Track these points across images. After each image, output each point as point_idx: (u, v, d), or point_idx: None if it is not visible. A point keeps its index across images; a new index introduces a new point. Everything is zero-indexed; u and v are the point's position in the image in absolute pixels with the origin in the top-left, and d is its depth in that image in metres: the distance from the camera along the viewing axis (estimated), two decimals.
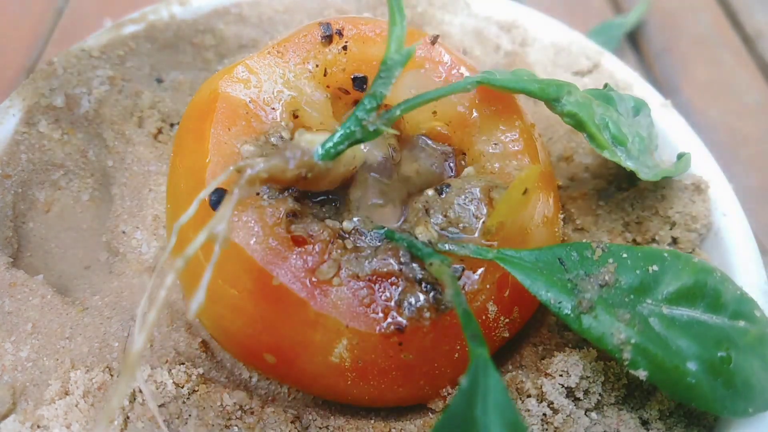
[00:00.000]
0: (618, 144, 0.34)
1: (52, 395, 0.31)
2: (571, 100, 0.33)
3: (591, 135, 0.33)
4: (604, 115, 0.34)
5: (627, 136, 0.35)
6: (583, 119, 0.33)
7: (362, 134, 0.28)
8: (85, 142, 0.42)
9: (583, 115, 0.33)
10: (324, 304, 0.29)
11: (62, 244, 0.40)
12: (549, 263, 0.30)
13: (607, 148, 0.33)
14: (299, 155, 0.27)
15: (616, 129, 0.34)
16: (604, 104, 0.35)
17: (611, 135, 0.34)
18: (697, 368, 0.28)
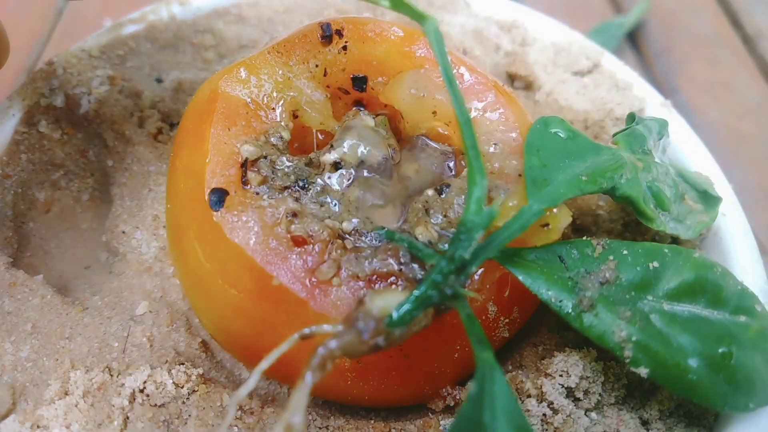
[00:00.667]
0: (663, 209, 0.34)
1: (52, 395, 0.31)
2: (623, 183, 0.32)
3: (642, 213, 0.32)
4: (649, 184, 0.33)
5: (668, 197, 0.34)
6: (636, 199, 0.32)
7: (439, 298, 0.26)
8: (85, 142, 0.42)
9: (635, 194, 0.32)
10: (324, 304, 0.29)
11: (62, 244, 0.39)
12: (549, 261, 0.30)
13: (655, 220, 0.33)
14: (372, 326, 0.25)
15: (659, 193, 0.34)
16: (644, 160, 0.34)
17: (656, 202, 0.33)
18: (699, 364, 0.28)
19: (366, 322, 0.25)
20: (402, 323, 0.25)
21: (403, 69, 0.36)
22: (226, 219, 0.30)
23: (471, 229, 0.27)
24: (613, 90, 0.47)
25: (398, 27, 0.37)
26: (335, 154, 0.33)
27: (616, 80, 0.47)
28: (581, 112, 0.45)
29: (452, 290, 0.26)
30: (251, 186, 0.31)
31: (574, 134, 0.34)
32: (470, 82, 0.35)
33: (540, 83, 0.47)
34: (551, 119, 0.34)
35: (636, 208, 0.32)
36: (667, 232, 0.33)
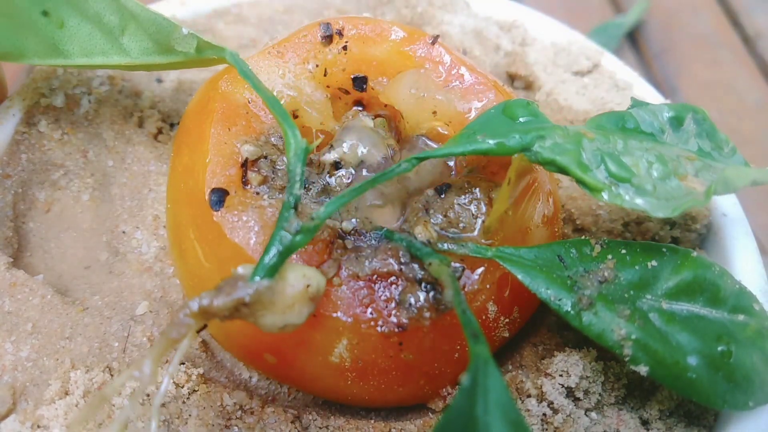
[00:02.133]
0: (619, 181, 0.29)
1: (52, 395, 0.31)
2: (546, 145, 0.29)
3: (578, 180, 0.29)
4: (597, 151, 0.30)
5: (633, 167, 0.30)
6: (562, 164, 0.28)
7: (290, 241, 0.26)
8: (85, 142, 0.42)
9: (562, 159, 0.28)
10: (324, 304, 0.29)
11: (62, 244, 0.39)
12: (548, 260, 0.30)
13: (603, 189, 0.28)
14: (237, 283, 0.25)
15: (616, 163, 0.29)
16: (609, 134, 0.31)
17: (608, 172, 0.29)
18: (698, 363, 0.29)
19: (227, 281, 0.25)
20: (262, 272, 0.25)
21: (403, 69, 0.36)
22: (226, 219, 0.30)
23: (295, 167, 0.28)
24: (613, 90, 0.47)
25: (399, 27, 0.37)
26: (335, 154, 0.33)
27: (616, 80, 0.47)
28: (581, 112, 0.45)
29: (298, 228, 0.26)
30: (251, 186, 0.31)
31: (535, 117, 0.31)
32: (470, 82, 0.35)
33: (540, 83, 0.47)
34: (516, 102, 0.31)
35: (571, 174, 0.29)
36: (625, 205, 0.29)
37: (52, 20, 0.34)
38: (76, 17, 0.34)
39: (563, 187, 0.42)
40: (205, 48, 0.33)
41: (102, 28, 0.34)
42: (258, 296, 0.25)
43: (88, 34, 0.35)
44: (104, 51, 0.35)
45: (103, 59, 0.35)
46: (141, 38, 0.34)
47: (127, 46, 0.35)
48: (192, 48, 0.33)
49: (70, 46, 0.35)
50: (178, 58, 0.34)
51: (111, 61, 0.35)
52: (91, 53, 0.35)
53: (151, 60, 0.35)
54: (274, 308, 0.25)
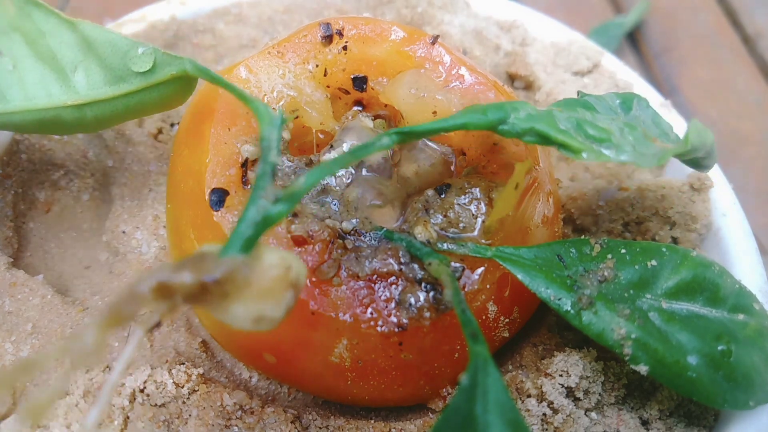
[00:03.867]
0: (599, 142, 0.29)
1: None
2: (521, 116, 0.28)
3: (560, 143, 0.28)
4: (571, 118, 0.29)
5: (610, 130, 0.29)
6: (541, 130, 0.28)
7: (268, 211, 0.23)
8: (85, 142, 0.42)
9: (540, 126, 0.28)
10: (324, 304, 0.29)
11: (62, 244, 0.40)
12: (548, 260, 0.30)
13: (584, 150, 0.28)
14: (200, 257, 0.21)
15: (592, 127, 0.29)
16: (573, 109, 0.31)
17: (586, 135, 0.29)
18: (698, 362, 0.29)
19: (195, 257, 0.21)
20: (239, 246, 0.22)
21: (403, 69, 0.36)
22: (226, 219, 0.30)
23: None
24: (613, 90, 0.47)
25: (399, 27, 0.37)
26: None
27: (616, 80, 0.47)
28: None
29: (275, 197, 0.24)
30: (251, 186, 0.31)
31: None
32: (470, 82, 0.35)
33: (540, 83, 0.47)
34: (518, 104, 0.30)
35: (551, 139, 0.28)
36: (611, 160, 0.28)
37: (3, 61, 0.33)
38: (30, 58, 0.33)
39: (563, 187, 0.42)
40: (164, 63, 0.32)
41: (54, 67, 0.33)
42: (231, 274, 0.21)
43: (39, 75, 0.33)
44: (49, 93, 0.33)
45: (45, 101, 0.33)
46: (94, 70, 0.33)
47: (77, 82, 0.33)
48: (149, 65, 0.32)
49: (14, 90, 0.33)
50: (131, 86, 0.32)
51: (53, 102, 0.33)
52: (35, 97, 0.33)
53: (100, 93, 0.32)
54: (249, 293, 0.21)
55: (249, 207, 0.23)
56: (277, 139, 0.27)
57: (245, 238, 0.22)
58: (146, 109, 0.34)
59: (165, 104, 0.34)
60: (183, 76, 0.32)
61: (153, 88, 0.32)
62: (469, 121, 0.28)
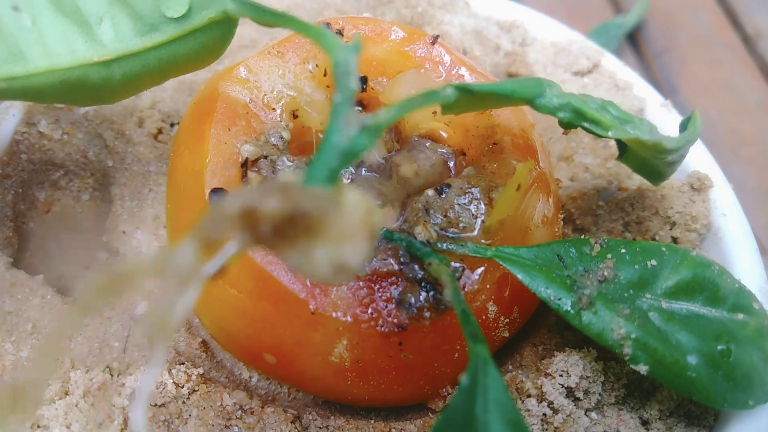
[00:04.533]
0: (624, 122, 0.30)
1: (53, 395, 0.31)
2: (554, 92, 0.29)
3: (593, 119, 0.29)
4: (595, 100, 0.30)
5: (630, 114, 0.31)
6: (576, 106, 0.29)
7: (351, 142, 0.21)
8: (85, 142, 0.42)
9: (575, 102, 0.29)
10: (324, 304, 0.29)
11: (62, 244, 0.40)
12: (548, 260, 0.30)
13: (614, 127, 0.29)
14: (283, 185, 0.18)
15: (615, 109, 0.30)
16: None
17: (613, 116, 0.29)
18: (698, 362, 0.29)
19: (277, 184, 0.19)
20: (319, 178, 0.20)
21: (403, 69, 0.36)
22: None
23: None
24: (613, 90, 0.47)
25: (399, 27, 0.37)
26: None
27: (616, 80, 0.47)
28: None
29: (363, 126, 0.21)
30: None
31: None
32: (470, 82, 0.35)
33: None
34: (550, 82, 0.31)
35: (585, 116, 0.29)
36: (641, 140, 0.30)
37: (21, 17, 0.28)
38: (50, 11, 0.28)
39: (563, 187, 0.42)
40: (201, 6, 0.28)
41: (77, 20, 0.29)
42: (322, 207, 0.18)
43: (61, 30, 0.29)
44: (73, 49, 0.29)
45: (69, 59, 0.29)
46: (121, 20, 0.29)
47: (103, 35, 0.29)
48: (184, 8, 0.28)
49: (35, 48, 0.29)
50: (163, 35, 0.28)
51: (78, 59, 0.29)
52: (57, 54, 0.29)
53: (130, 46, 0.29)
54: (331, 235, 0.18)
55: (331, 134, 0.21)
56: (354, 64, 0.24)
57: (330, 168, 0.20)
58: (180, 64, 0.30)
59: (201, 56, 0.30)
60: (223, 19, 0.28)
61: (188, 37, 0.29)
62: (515, 89, 0.28)
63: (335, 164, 0.20)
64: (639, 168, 0.35)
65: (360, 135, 0.21)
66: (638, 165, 0.35)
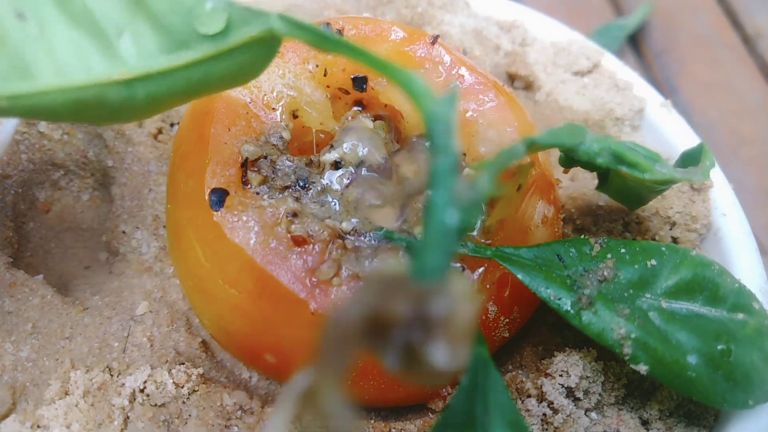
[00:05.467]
0: (653, 161, 0.30)
1: (53, 395, 0.31)
2: (592, 138, 0.30)
3: (631, 163, 0.30)
4: (629, 145, 0.31)
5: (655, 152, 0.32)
6: (616, 150, 0.29)
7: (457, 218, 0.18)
8: (85, 142, 0.42)
9: (614, 147, 0.30)
10: (324, 304, 0.29)
11: (62, 244, 0.39)
12: (547, 260, 0.30)
13: (650, 170, 0.30)
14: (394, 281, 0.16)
15: (643, 149, 0.31)
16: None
17: (644, 155, 0.30)
18: (698, 361, 0.29)
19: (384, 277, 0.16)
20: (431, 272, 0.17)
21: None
22: (226, 219, 0.30)
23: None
24: (613, 90, 0.47)
25: (399, 27, 0.37)
26: (335, 154, 0.33)
27: (616, 80, 0.47)
28: (581, 112, 0.45)
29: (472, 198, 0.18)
30: (251, 186, 0.31)
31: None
32: (470, 82, 0.35)
33: (540, 83, 0.47)
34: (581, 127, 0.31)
35: (625, 160, 0.30)
36: (677, 180, 0.31)
37: (27, 25, 0.24)
38: (61, 21, 0.25)
39: (563, 187, 0.42)
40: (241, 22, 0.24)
41: (93, 32, 0.25)
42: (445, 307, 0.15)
43: (74, 43, 0.25)
44: (88, 65, 0.25)
45: (84, 76, 0.24)
46: (145, 35, 0.25)
47: (124, 51, 0.25)
48: (221, 24, 0.24)
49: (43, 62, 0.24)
50: (195, 54, 0.25)
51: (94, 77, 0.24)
52: (70, 70, 0.24)
53: (155, 65, 0.25)
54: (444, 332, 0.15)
55: (436, 212, 0.18)
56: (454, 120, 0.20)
57: (444, 254, 0.17)
58: (212, 85, 0.26)
59: (236, 77, 0.26)
60: (266, 37, 0.25)
61: (224, 56, 0.25)
62: (558, 141, 0.29)
63: (448, 248, 0.17)
64: (618, 195, 0.36)
65: (469, 209, 0.18)
66: (618, 193, 0.35)
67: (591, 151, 0.29)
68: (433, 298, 0.15)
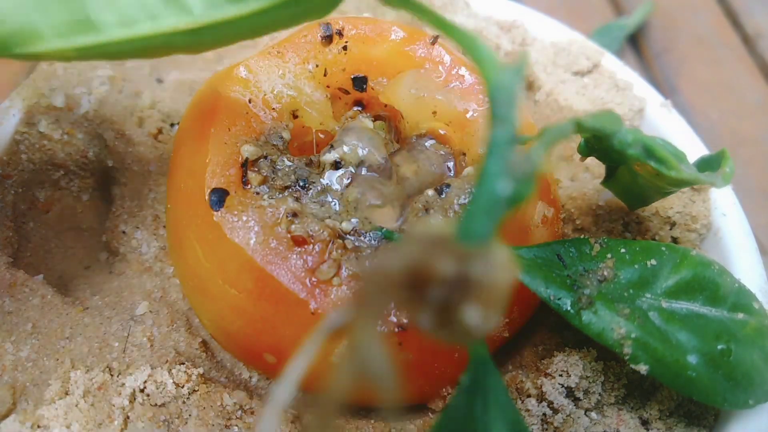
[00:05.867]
0: (679, 160, 0.30)
1: (53, 395, 0.31)
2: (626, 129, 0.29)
3: (661, 158, 0.29)
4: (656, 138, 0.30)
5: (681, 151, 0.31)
6: (648, 144, 0.29)
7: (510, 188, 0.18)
8: (85, 142, 0.42)
9: (645, 140, 0.29)
10: (324, 304, 0.29)
11: (62, 244, 0.39)
12: (547, 260, 0.30)
13: (677, 168, 0.29)
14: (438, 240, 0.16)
15: (671, 147, 0.31)
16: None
17: (672, 153, 0.30)
18: (698, 361, 0.29)
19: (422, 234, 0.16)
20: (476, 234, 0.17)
21: (403, 69, 0.36)
22: (226, 219, 0.30)
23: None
24: (613, 90, 0.47)
25: (399, 27, 0.37)
26: (335, 154, 0.33)
27: (616, 80, 0.47)
28: (581, 112, 0.45)
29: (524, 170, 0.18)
30: (251, 186, 0.31)
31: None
32: (470, 82, 0.35)
33: (540, 83, 0.47)
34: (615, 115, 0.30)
35: (654, 154, 0.29)
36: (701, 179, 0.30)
37: None
38: None
39: (563, 187, 0.42)
40: None
41: None
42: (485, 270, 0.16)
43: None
44: (153, 14, 0.24)
45: (151, 26, 0.24)
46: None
47: (188, 1, 0.24)
48: None
49: (107, 13, 0.24)
50: (261, 3, 0.24)
51: (162, 26, 0.24)
52: (134, 21, 0.24)
53: (222, 13, 0.24)
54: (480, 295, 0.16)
55: (488, 179, 0.18)
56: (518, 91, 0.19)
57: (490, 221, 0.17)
58: (278, 27, 0.26)
59: (304, 18, 0.26)
60: None
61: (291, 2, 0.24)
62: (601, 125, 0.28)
63: (495, 217, 0.18)
64: (623, 193, 0.35)
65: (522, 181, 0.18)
66: (623, 190, 0.35)
67: (624, 140, 0.29)
68: (474, 261, 0.16)
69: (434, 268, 0.15)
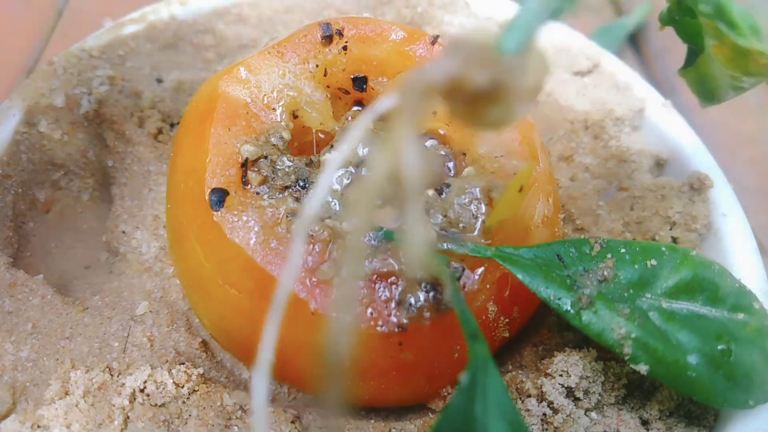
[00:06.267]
0: (755, 32, 0.29)
1: (53, 395, 0.31)
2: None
3: (731, 22, 0.28)
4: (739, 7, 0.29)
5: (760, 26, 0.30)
6: (724, 3, 0.28)
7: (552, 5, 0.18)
8: (85, 142, 0.42)
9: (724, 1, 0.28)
10: (324, 304, 0.29)
11: (62, 244, 0.40)
12: (547, 260, 0.30)
13: (745, 36, 0.28)
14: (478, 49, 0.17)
15: (750, 19, 0.29)
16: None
17: (747, 22, 0.29)
18: (698, 361, 0.29)
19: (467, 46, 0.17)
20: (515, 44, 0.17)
21: (404, 69, 0.36)
22: (226, 219, 0.30)
23: None
24: (613, 90, 0.47)
25: (399, 27, 0.37)
26: (336, 154, 0.33)
27: (616, 80, 0.47)
28: (581, 112, 0.45)
29: None
30: (251, 186, 0.31)
31: None
32: None
33: None
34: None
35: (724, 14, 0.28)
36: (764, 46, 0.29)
37: None
38: None
39: (563, 187, 0.42)
40: None
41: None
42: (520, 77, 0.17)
43: None
44: None
45: None
46: None
47: None
48: None
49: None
50: None
51: None
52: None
53: None
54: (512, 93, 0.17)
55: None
56: None
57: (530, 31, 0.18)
58: None
59: None
60: None
61: None
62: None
63: (536, 28, 0.18)
64: (696, 84, 0.34)
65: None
66: (697, 81, 0.33)
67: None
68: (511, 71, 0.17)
69: (472, 77, 0.16)
